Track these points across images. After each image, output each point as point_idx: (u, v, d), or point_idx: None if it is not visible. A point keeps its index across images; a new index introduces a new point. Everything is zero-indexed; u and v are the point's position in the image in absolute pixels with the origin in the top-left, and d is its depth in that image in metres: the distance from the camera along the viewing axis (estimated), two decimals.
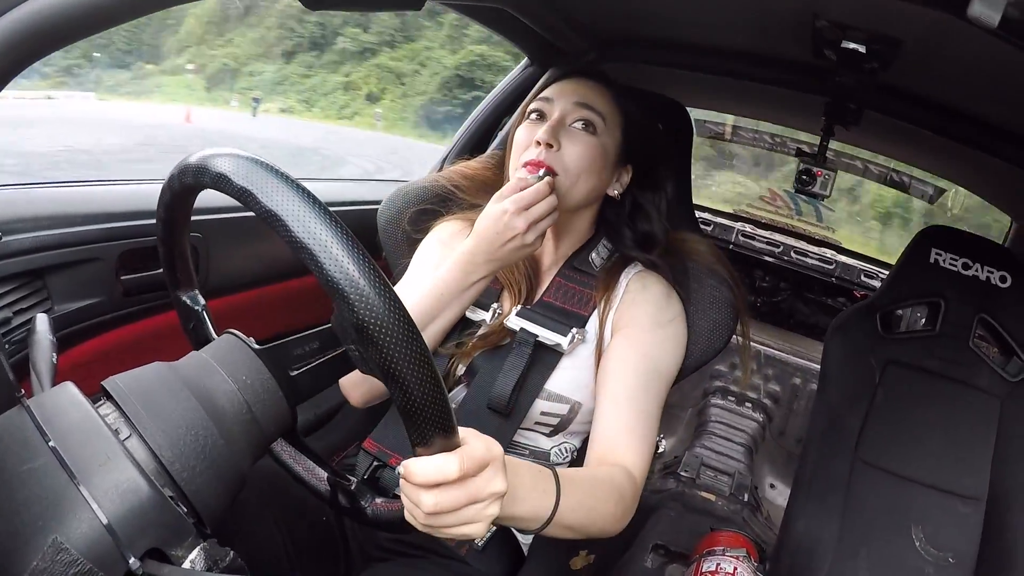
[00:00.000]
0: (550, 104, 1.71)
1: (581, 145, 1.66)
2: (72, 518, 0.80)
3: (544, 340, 1.66)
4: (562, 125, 1.67)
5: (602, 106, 1.71)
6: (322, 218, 0.83)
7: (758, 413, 4.34)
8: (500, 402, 1.63)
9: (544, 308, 1.73)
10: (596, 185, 1.73)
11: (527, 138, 1.68)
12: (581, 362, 1.70)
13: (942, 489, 2.31)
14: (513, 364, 1.66)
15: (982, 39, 1.26)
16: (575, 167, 1.65)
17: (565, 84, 1.75)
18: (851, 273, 4.42)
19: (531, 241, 1.51)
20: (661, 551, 3.14)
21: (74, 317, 1.77)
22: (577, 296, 1.75)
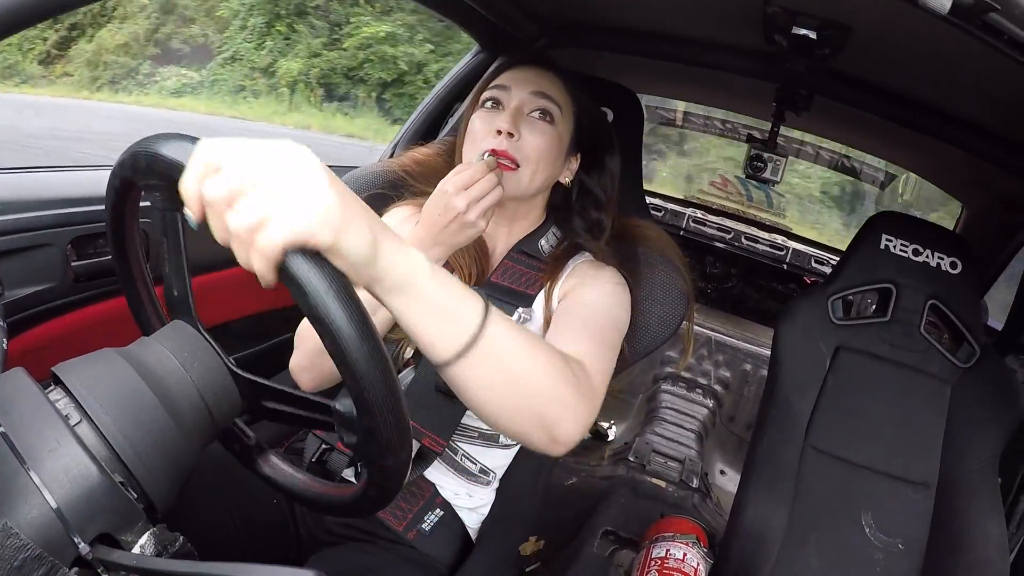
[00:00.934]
0: (506, 93, 1.71)
1: (540, 135, 1.67)
2: (22, 503, 0.79)
3: None
4: (520, 114, 1.67)
5: (558, 95, 1.72)
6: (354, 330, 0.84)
7: (708, 399, 4.38)
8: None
9: (491, 288, 1.73)
10: (551, 173, 1.74)
11: (484, 127, 1.68)
12: None
13: (892, 475, 2.32)
14: None
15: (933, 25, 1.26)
16: (535, 156, 1.66)
17: (520, 72, 1.75)
18: (802, 259, 4.45)
19: (473, 220, 1.49)
20: (611, 537, 3.16)
21: (25, 303, 1.75)
22: (524, 277, 1.75)
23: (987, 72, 1.70)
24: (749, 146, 3.48)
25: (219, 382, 1.04)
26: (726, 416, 4.43)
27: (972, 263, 2.38)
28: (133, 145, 0.98)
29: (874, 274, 2.42)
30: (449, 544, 1.78)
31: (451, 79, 2.93)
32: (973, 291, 2.40)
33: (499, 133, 1.63)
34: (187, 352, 1.03)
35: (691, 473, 3.89)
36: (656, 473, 3.86)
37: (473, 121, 1.73)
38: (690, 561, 2.69)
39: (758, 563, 2.27)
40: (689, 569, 2.66)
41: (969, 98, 2.15)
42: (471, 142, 1.71)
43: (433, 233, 1.51)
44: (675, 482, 3.82)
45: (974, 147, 2.41)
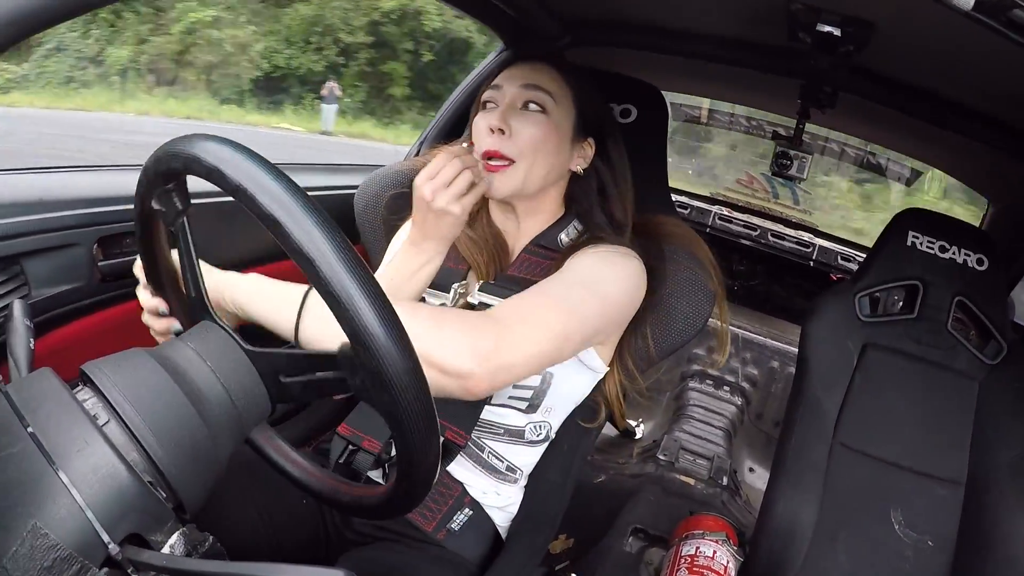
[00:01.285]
0: (499, 91, 1.73)
1: (532, 126, 1.68)
2: (51, 503, 0.80)
3: None
4: (513, 109, 1.69)
5: (549, 84, 1.72)
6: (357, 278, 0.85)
7: (736, 396, 4.36)
8: None
9: (505, 280, 1.74)
10: (555, 163, 1.74)
11: (481, 128, 1.70)
12: None
13: (920, 472, 2.32)
14: None
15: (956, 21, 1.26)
16: (530, 148, 1.67)
17: (513, 69, 1.76)
18: (829, 256, 4.43)
19: (443, 207, 1.51)
20: (640, 535, 3.15)
21: (52, 303, 1.76)
22: (542, 269, 1.75)
23: (1012, 68, 1.70)
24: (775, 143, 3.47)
25: (247, 383, 1.04)
26: (754, 413, 4.41)
27: (999, 260, 2.37)
28: (165, 145, 0.99)
29: (901, 271, 2.42)
30: (479, 543, 1.78)
31: (475, 77, 2.93)
32: (1000, 288, 2.39)
33: (492, 132, 1.65)
34: (216, 352, 1.03)
35: (720, 470, 3.88)
36: (685, 470, 3.85)
37: (476, 123, 1.75)
38: (720, 558, 2.68)
39: (787, 560, 2.27)
40: (719, 567, 2.65)
41: (994, 94, 2.14)
42: (476, 144, 1.72)
43: (420, 229, 1.57)
44: (704, 479, 3.81)
45: (999, 143, 2.40)
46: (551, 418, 1.78)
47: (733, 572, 2.67)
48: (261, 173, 0.86)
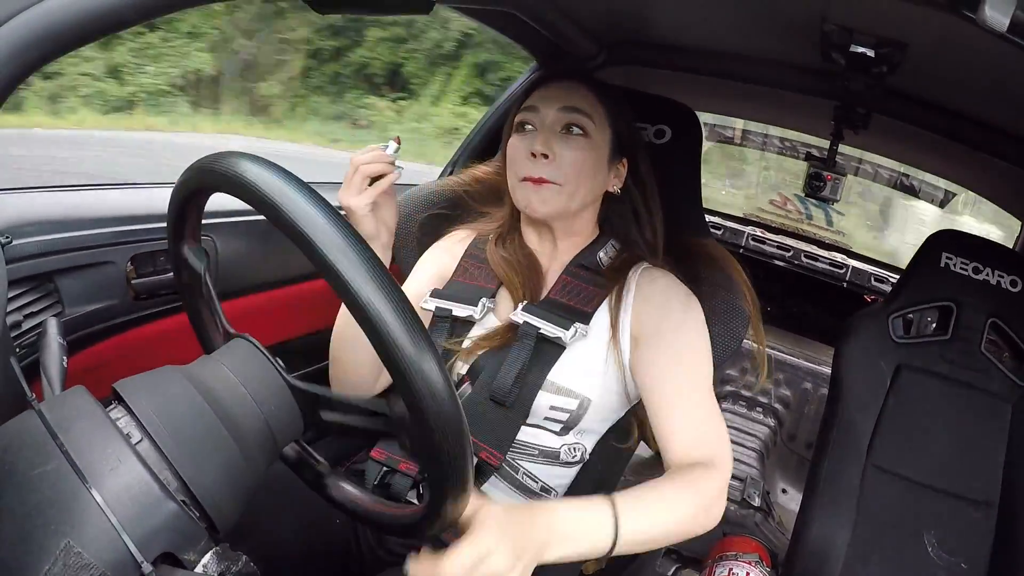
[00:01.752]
0: (536, 114, 1.72)
1: (575, 150, 1.67)
2: (84, 522, 0.80)
3: (546, 333, 1.65)
4: (553, 133, 1.68)
5: (587, 106, 1.71)
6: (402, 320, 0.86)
7: (769, 418, 4.33)
8: (503, 392, 1.64)
9: (549, 305, 1.73)
10: (595, 185, 1.74)
11: (520, 151, 1.69)
12: (588, 357, 1.69)
13: (954, 494, 2.31)
14: (516, 356, 1.66)
15: (990, 42, 1.26)
16: (573, 173, 1.66)
17: (547, 90, 1.75)
18: (862, 277, 4.41)
19: (345, 204, 1.63)
20: (673, 556, 3.14)
21: (85, 320, 1.77)
22: (583, 293, 1.74)
23: None
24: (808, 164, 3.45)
25: (280, 402, 1.05)
26: (787, 435, 4.38)
27: None
28: (197, 162, 1.01)
29: (934, 292, 2.41)
30: None
31: (509, 96, 2.93)
32: None
33: (534, 156, 1.64)
34: (248, 371, 1.04)
35: (753, 492, 3.86)
36: None
37: (511, 146, 1.74)
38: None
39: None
40: None
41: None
42: (511, 167, 1.73)
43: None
44: (737, 501, 3.79)
45: None
46: (585, 440, 1.78)
47: None
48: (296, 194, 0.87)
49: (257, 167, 0.91)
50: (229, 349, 1.08)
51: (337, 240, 0.84)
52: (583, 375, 1.68)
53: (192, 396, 0.95)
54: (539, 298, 1.77)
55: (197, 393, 0.96)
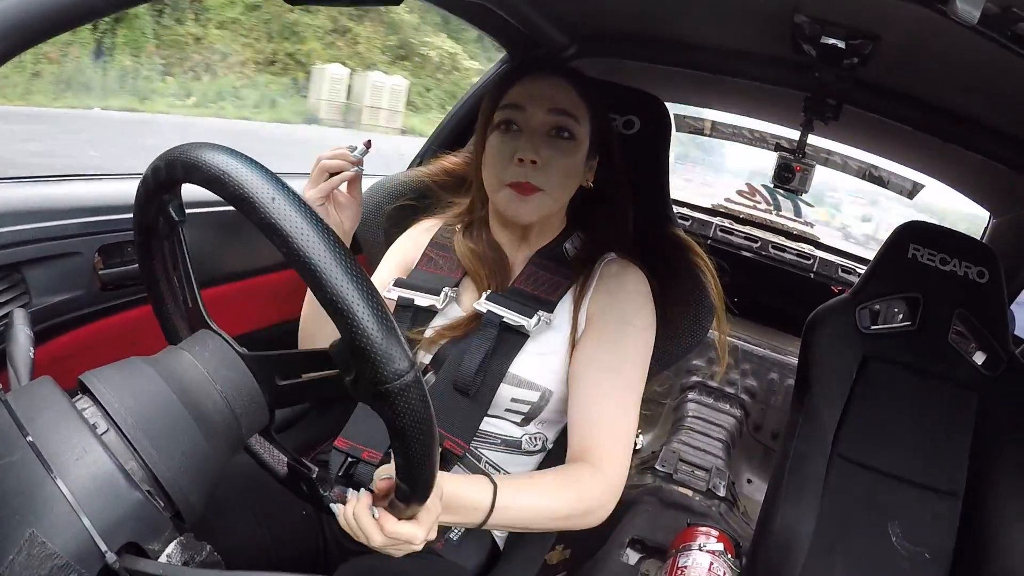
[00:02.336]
0: (521, 113, 1.68)
1: (563, 155, 1.66)
2: (49, 512, 0.80)
3: (509, 321, 1.65)
4: (540, 136, 1.65)
5: (572, 105, 1.69)
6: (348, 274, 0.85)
7: (735, 408, 4.37)
8: (465, 381, 1.64)
9: (513, 294, 1.72)
10: (575, 184, 1.73)
11: (503, 151, 1.66)
12: (550, 348, 1.69)
13: (919, 484, 2.32)
14: (478, 345, 1.66)
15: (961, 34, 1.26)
16: (560, 178, 1.66)
17: (531, 87, 1.71)
18: (829, 268, 4.44)
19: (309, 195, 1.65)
20: (638, 546, 3.15)
21: (52, 311, 1.75)
22: (547, 283, 1.74)
23: (1015, 82, 1.70)
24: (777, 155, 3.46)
25: (246, 393, 1.05)
26: (753, 425, 4.42)
27: (999, 272, 2.37)
28: (166, 153, 0.99)
29: (901, 283, 2.43)
30: (477, 553, 1.76)
31: (479, 87, 2.92)
32: (1000, 300, 2.39)
33: (521, 162, 1.61)
34: (214, 361, 1.04)
35: (718, 482, 3.88)
36: (683, 482, 3.84)
37: (489, 145, 1.71)
38: (716, 570, 2.68)
39: (785, 572, 2.27)
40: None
41: (997, 107, 2.14)
42: (491, 167, 1.69)
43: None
44: (702, 491, 3.80)
45: (1002, 156, 2.40)
46: (547, 430, 1.79)
47: None
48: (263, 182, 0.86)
49: (226, 158, 0.90)
50: (195, 340, 1.08)
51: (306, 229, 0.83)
52: (545, 367, 1.68)
53: (158, 387, 0.95)
54: (504, 287, 1.77)
55: (163, 384, 0.95)
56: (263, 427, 1.12)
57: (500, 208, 1.69)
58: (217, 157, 0.91)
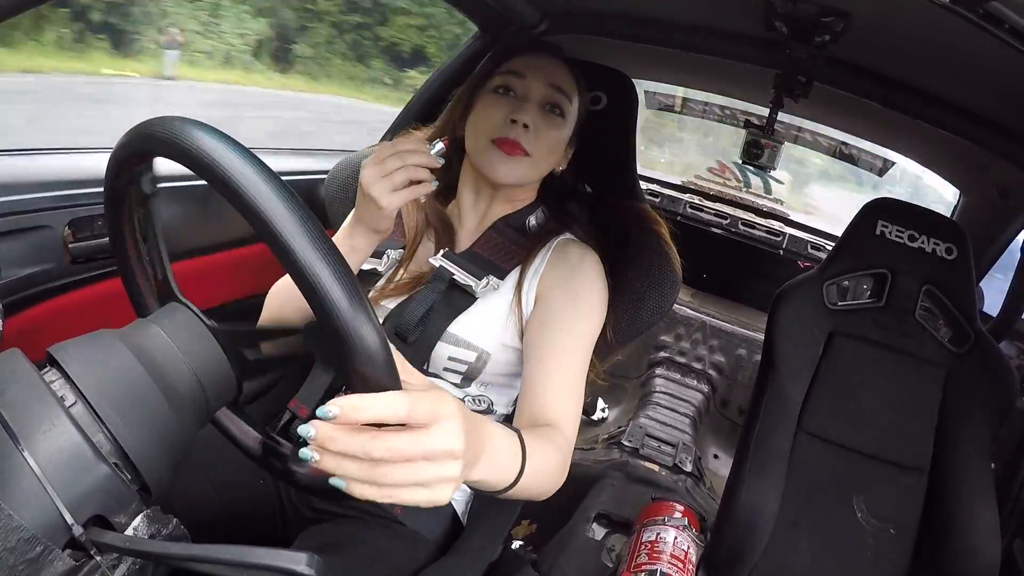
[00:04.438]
0: (521, 81, 1.70)
1: (553, 129, 1.68)
2: (15, 484, 0.80)
3: (458, 279, 1.67)
4: (535, 105, 1.68)
5: (568, 88, 1.73)
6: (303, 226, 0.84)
7: (702, 384, 4.40)
8: (406, 328, 1.65)
9: (469, 255, 1.74)
10: (552, 164, 1.75)
11: (495, 113, 1.67)
12: (491, 311, 1.70)
13: (885, 460, 2.34)
14: (425, 297, 1.68)
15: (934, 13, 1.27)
16: (545, 149, 1.67)
17: (533, 60, 1.74)
18: (799, 245, 4.46)
19: (375, 195, 1.48)
20: (603, 520, 3.17)
21: (21, 283, 1.75)
22: (504, 251, 1.76)
23: (987, 60, 1.71)
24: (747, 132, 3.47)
25: (214, 366, 1.04)
26: (720, 401, 4.44)
27: (967, 249, 2.39)
28: (139, 126, 0.98)
29: (869, 260, 2.43)
30: (437, 521, 1.78)
31: (450, 64, 2.92)
32: (968, 277, 2.40)
33: (514, 123, 1.62)
34: (183, 335, 1.03)
35: (684, 457, 3.90)
36: (649, 457, 3.87)
37: (480, 104, 1.72)
38: (680, 544, 2.69)
39: (749, 546, 2.28)
40: (679, 552, 2.67)
41: (968, 86, 2.15)
42: (478, 126, 1.69)
43: (357, 212, 1.55)
44: (668, 466, 3.83)
45: (972, 134, 2.42)
46: (490, 392, 1.79)
47: (694, 558, 2.68)
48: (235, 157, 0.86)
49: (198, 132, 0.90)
50: (164, 313, 1.07)
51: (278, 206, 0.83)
52: (484, 330, 1.69)
53: (127, 359, 0.94)
54: (458, 249, 1.78)
55: (132, 357, 0.95)
56: (231, 400, 1.11)
57: (479, 165, 1.69)
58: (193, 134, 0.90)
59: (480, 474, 1.09)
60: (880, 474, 2.34)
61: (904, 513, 2.30)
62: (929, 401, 2.35)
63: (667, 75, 3.86)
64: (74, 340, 0.95)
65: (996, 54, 1.48)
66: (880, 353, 2.40)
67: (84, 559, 0.82)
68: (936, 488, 2.30)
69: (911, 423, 2.35)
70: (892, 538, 2.30)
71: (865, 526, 2.31)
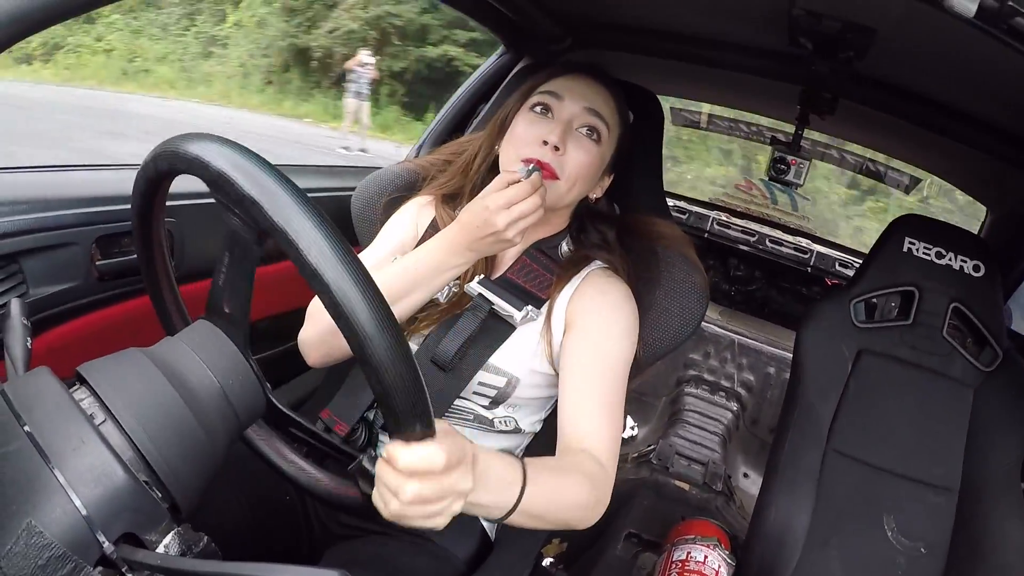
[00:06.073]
0: (559, 101, 1.69)
1: (585, 154, 1.66)
2: (46, 502, 0.80)
3: (498, 309, 1.66)
4: (570, 129, 1.66)
5: (608, 114, 1.71)
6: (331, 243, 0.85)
7: (732, 402, 4.37)
8: (444, 358, 1.64)
9: (505, 283, 1.72)
10: (586, 190, 1.74)
11: (529, 132, 1.67)
12: (524, 338, 1.70)
13: (914, 479, 2.32)
14: (464, 326, 1.67)
15: (958, 28, 1.26)
16: (575, 174, 1.65)
17: (573, 82, 1.73)
18: (826, 262, 4.44)
19: (510, 238, 1.50)
20: (634, 539, 3.16)
21: (49, 301, 1.76)
22: (539, 279, 1.75)
23: (1012, 76, 1.70)
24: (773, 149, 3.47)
25: (243, 382, 1.05)
26: (749, 419, 4.42)
27: (996, 267, 2.37)
28: (168, 142, 0.99)
29: (896, 277, 2.42)
30: (465, 539, 1.78)
31: (476, 80, 2.93)
32: (996, 295, 2.39)
33: (545, 144, 1.61)
34: (212, 352, 1.04)
35: (714, 476, 3.89)
36: (679, 475, 3.86)
37: (517, 123, 1.71)
38: (711, 563, 2.68)
39: (780, 566, 2.27)
40: (710, 571, 2.65)
41: (994, 102, 2.14)
42: (513, 144, 1.69)
43: (467, 241, 1.52)
44: (698, 484, 3.82)
45: (998, 151, 2.41)
46: (518, 413, 1.78)
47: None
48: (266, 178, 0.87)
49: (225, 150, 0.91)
50: (192, 331, 1.08)
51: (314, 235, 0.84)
52: (514, 356, 1.69)
53: (155, 377, 0.95)
54: (497, 273, 1.78)
55: (160, 374, 0.95)
56: (259, 416, 1.12)
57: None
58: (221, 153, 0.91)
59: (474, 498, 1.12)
60: (910, 493, 2.32)
61: (934, 532, 2.28)
62: (958, 420, 2.33)
63: (692, 91, 3.87)
64: (103, 359, 0.96)
65: (1021, 69, 1.47)
66: (908, 371, 2.38)
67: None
68: (966, 507, 2.28)
69: (940, 442, 2.33)
70: (923, 557, 2.28)
71: (896, 545, 2.29)
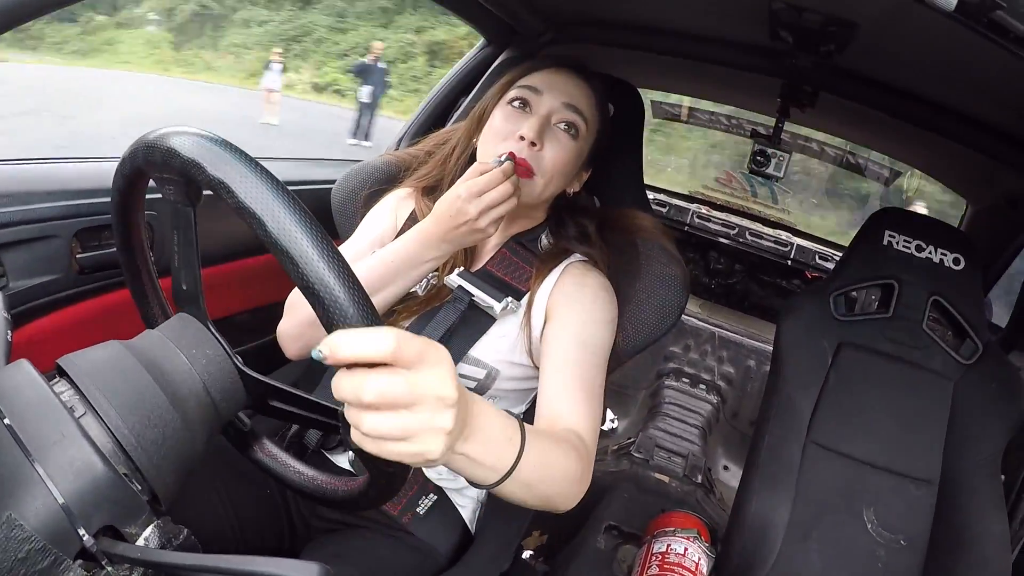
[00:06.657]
0: (537, 96, 1.70)
1: (562, 149, 1.67)
2: (26, 495, 0.80)
3: (478, 301, 1.67)
4: (547, 124, 1.67)
5: (587, 109, 1.72)
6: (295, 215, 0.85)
7: (712, 395, 4.38)
8: None
9: (485, 275, 1.74)
10: (564, 185, 1.75)
11: (507, 126, 1.67)
12: (503, 330, 1.71)
13: (894, 472, 2.32)
14: (443, 318, 1.68)
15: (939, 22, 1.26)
16: (552, 169, 1.66)
17: (553, 77, 1.73)
18: (806, 255, 4.45)
19: (483, 227, 1.50)
20: (614, 531, 3.16)
21: (29, 294, 1.75)
22: (519, 271, 1.76)
23: (993, 69, 1.70)
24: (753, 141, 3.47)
25: (224, 375, 1.04)
26: (730, 412, 4.43)
27: (976, 260, 2.38)
28: (143, 137, 0.98)
29: (877, 270, 2.42)
30: (446, 531, 1.78)
31: (456, 73, 2.93)
32: (976, 288, 2.39)
33: (522, 139, 1.62)
34: (192, 345, 1.03)
35: (694, 468, 3.90)
36: (660, 468, 3.87)
37: (495, 116, 1.72)
38: (691, 556, 2.69)
39: (760, 558, 2.27)
40: (690, 564, 2.66)
41: (974, 95, 2.15)
42: (490, 138, 1.70)
43: (442, 232, 1.53)
44: (679, 477, 3.83)
45: (979, 144, 2.42)
46: (498, 405, 1.71)
47: (705, 569, 2.68)
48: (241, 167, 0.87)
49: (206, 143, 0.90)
50: (173, 324, 1.08)
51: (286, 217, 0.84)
52: (494, 348, 1.70)
53: (136, 370, 0.95)
54: (477, 266, 1.79)
55: (141, 367, 0.95)
56: (240, 409, 1.11)
57: None
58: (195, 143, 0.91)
59: (472, 448, 1.04)
60: (890, 486, 2.32)
61: (914, 525, 2.29)
62: (938, 412, 2.34)
63: (673, 85, 3.87)
64: (83, 351, 0.96)
65: (1002, 63, 1.48)
66: (889, 364, 2.38)
67: (95, 569, 0.82)
68: (946, 500, 2.29)
69: (920, 434, 2.34)
70: (903, 550, 2.28)
71: (876, 537, 2.30)
